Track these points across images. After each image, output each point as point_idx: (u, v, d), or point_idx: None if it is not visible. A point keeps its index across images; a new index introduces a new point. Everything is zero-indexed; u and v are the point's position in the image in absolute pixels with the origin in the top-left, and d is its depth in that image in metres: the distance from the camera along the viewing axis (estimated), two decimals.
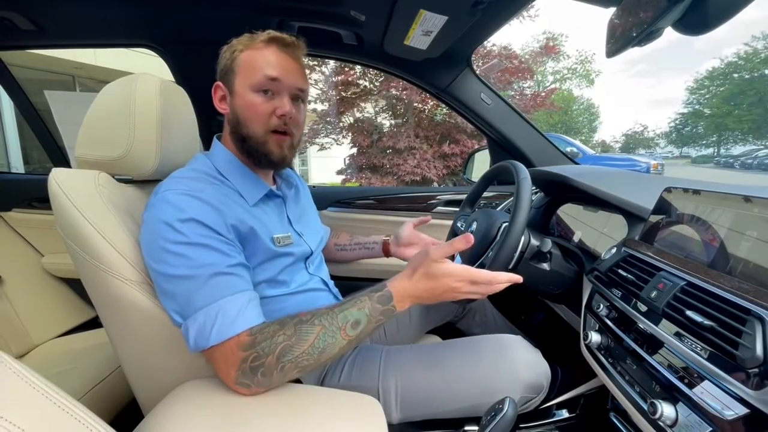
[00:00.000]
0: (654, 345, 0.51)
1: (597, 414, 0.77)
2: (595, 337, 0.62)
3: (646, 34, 0.54)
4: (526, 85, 10.20)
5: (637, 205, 0.72)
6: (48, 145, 1.44)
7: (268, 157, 0.72)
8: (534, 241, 0.77)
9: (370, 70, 6.92)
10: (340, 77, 7.62)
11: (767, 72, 26.41)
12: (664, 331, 0.49)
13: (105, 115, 0.71)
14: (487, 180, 0.96)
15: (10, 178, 1.50)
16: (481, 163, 1.64)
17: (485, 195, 1.07)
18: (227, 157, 0.74)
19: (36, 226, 1.36)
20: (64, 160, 1.43)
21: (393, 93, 7.58)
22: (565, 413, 0.81)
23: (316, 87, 7.96)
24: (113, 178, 0.72)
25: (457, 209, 1.27)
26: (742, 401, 0.38)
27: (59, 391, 0.37)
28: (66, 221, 0.62)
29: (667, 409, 0.44)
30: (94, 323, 1.35)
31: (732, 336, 0.41)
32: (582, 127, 31.88)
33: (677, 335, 0.47)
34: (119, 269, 0.61)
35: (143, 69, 0.81)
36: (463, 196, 1.06)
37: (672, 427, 0.44)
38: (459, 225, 0.98)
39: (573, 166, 1.27)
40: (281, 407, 0.58)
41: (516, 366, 0.72)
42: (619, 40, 0.60)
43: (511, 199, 1.15)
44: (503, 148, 1.39)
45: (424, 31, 0.96)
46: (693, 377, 0.44)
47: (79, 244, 0.62)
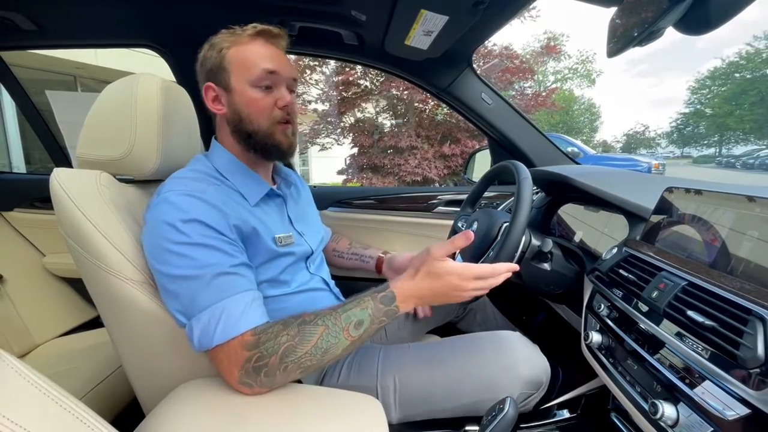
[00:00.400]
0: (655, 345, 0.51)
1: (598, 414, 0.77)
2: (596, 337, 0.62)
3: (647, 34, 0.54)
4: (527, 85, 10.19)
5: (639, 205, 0.72)
6: (49, 145, 1.44)
7: (278, 147, 0.73)
8: (535, 241, 0.77)
9: (371, 70, 6.92)
10: (340, 77, 7.62)
11: None
12: (665, 331, 0.49)
13: (106, 115, 0.71)
14: (488, 180, 0.96)
15: (12, 178, 1.50)
16: (481, 163, 1.64)
17: (486, 195, 1.07)
18: (227, 158, 0.74)
19: (37, 225, 1.36)
20: (65, 160, 1.44)
21: (394, 93, 7.57)
22: (566, 413, 0.81)
23: (317, 87, 7.96)
24: (115, 178, 0.73)
25: (458, 209, 1.27)
26: (744, 401, 0.38)
27: (61, 390, 0.38)
28: (67, 221, 0.62)
29: (668, 410, 0.44)
30: (95, 323, 1.35)
31: (733, 336, 0.40)
32: (583, 127, 31.85)
33: (678, 335, 0.47)
34: (120, 269, 0.61)
35: (144, 69, 0.81)
36: (464, 196, 1.06)
37: (673, 428, 0.44)
38: (460, 225, 0.98)
39: (574, 166, 1.27)
40: (282, 407, 0.58)
41: (515, 362, 0.72)
42: (620, 40, 0.60)
43: (512, 199, 1.15)
44: (504, 148, 1.39)
45: (425, 31, 0.95)
46: (694, 377, 0.44)
47: (80, 244, 0.62)
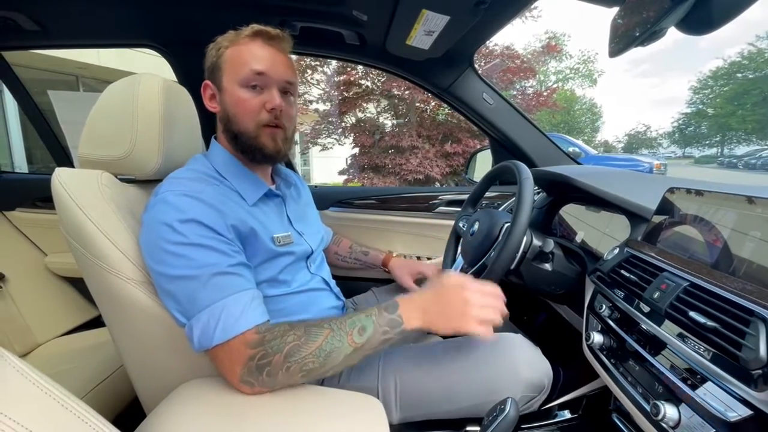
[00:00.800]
0: (657, 346, 0.51)
1: (599, 415, 0.77)
2: (597, 337, 0.62)
3: (649, 34, 0.54)
4: (528, 85, 10.18)
5: (640, 205, 0.71)
6: (51, 144, 1.44)
7: (262, 151, 0.72)
8: (536, 242, 0.76)
9: (372, 70, 6.92)
10: (342, 77, 7.62)
11: None
12: (667, 332, 0.49)
13: (108, 114, 0.71)
14: (489, 180, 0.96)
15: (14, 178, 1.51)
16: (483, 163, 1.64)
17: (487, 195, 1.07)
18: (225, 157, 0.74)
19: (39, 225, 1.37)
20: (67, 160, 1.44)
21: (395, 93, 7.57)
22: (567, 414, 0.80)
23: (318, 87, 7.96)
24: (116, 177, 0.73)
25: (459, 209, 1.27)
26: (746, 403, 0.38)
27: (62, 389, 0.38)
28: (69, 221, 0.62)
29: (669, 411, 0.44)
30: (96, 322, 1.35)
31: (735, 337, 0.40)
32: (584, 127, 31.81)
33: (680, 336, 0.47)
34: (122, 268, 0.61)
35: (146, 69, 0.81)
36: (465, 196, 1.06)
37: (675, 429, 0.44)
38: (461, 225, 0.98)
39: (575, 166, 1.27)
40: (283, 406, 0.58)
41: (517, 365, 0.71)
42: (622, 40, 0.59)
43: (513, 199, 1.15)
44: (505, 148, 1.39)
45: (427, 31, 0.95)
46: (696, 378, 0.44)
47: (81, 244, 0.62)
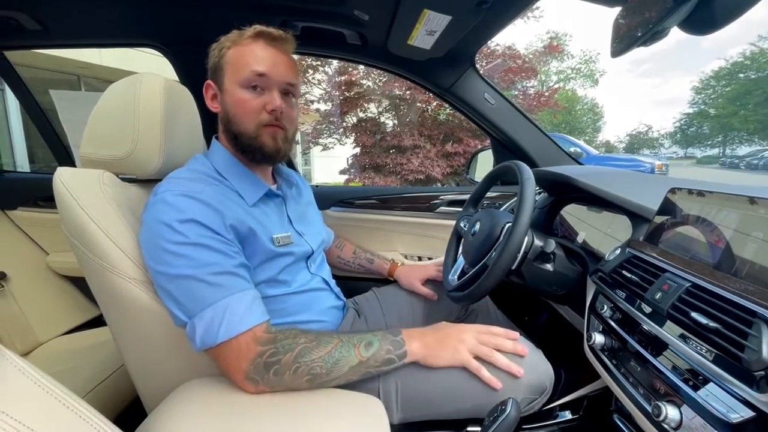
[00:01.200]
0: (658, 347, 0.50)
1: (600, 416, 0.77)
2: (598, 338, 0.62)
3: (651, 34, 0.54)
4: (529, 85, 10.16)
5: (642, 205, 0.71)
6: (53, 144, 1.45)
7: (262, 150, 0.72)
8: (537, 242, 0.76)
9: (374, 70, 6.92)
10: (343, 77, 7.62)
11: None
12: (669, 332, 0.48)
13: (109, 114, 0.71)
14: (491, 180, 0.96)
15: (16, 177, 1.51)
16: (484, 163, 1.64)
17: (488, 195, 1.07)
18: (225, 157, 0.74)
19: (41, 224, 1.37)
20: (69, 160, 1.44)
21: (396, 93, 7.56)
22: (568, 415, 0.80)
23: (320, 87, 7.96)
24: (117, 177, 0.73)
25: (460, 209, 1.27)
26: (748, 404, 0.38)
27: (63, 388, 0.38)
28: (70, 220, 0.63)
29: (671, 412, 0.44)
30: (98, 321, 1.36)
31: (737, 338, 0.40)
32: (586, 127, 31.77)
33: (682, 337, 0.47)
34: (123, 268, 0.62)
35: (147, 69, 0.81)
36: (467, 196, 1.06)
37: (676, 430, 0.44)
38: (462, 225, 0.98)
39: (577, 166, 1.27)
40: (284, 406, 0.58)
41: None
42: (624, 40, 0.59)
43: (515, 199, 1.15)
44: (507, 148, 1.38)
45: (428, 30, 0.95)
46: (698, 379, 0.43)
47: (83, 243, 0.62)
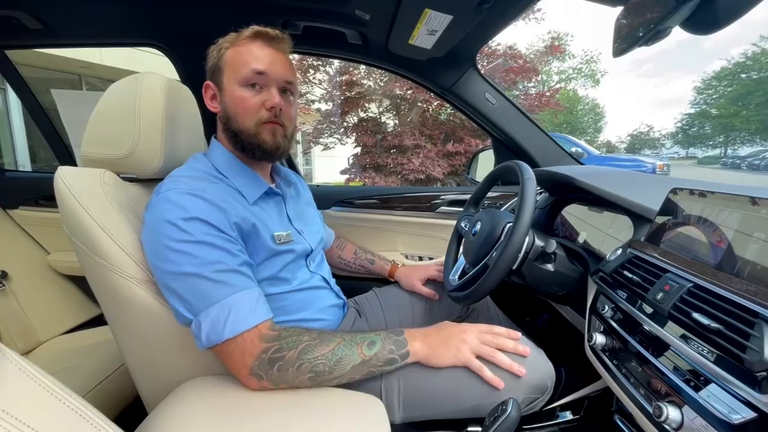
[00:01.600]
0: (659, 347, 0.50)
1: (601, 416, 0.77)
2: (599, 338, 0.62)
3: (653, 34, 0.54)
4: (530, 85, 10.15)
5: (643, 206, 0.71)
6: (55, 143, 1.45)
7: (262, 147, 0.73)
8: (538, 242, 0.76)
9: (375, 70, 6.91)
10: (344, 77, 7.62)
11: None
12: (670, 333, 0.48)
13: (110, 113, 0.71)
14: (492, 180, 0.96)
15: (18, 176, 1.52)
16: (485, 163, 1.63)
17: (489, 195, 1.06)
18: (225, 156, 0.75)
19: (42, 223, 1.37)
20: (70, 159, 1.45)
21: (397, 93, 7.56)
22: (568, 415, 0.80)
23: (321, 87, 7.97)
24: (118, 176, 0.73)
25: (461, 209, 1.27)
26: (749, 405, 0.37)
27: (64, 387, 0.38)
28: (71, 219, 0.63)
29: (672, 412, 0.44)
30: (99, 320, 1.36)
31: (739, 339, 0.40)
32: (587, 127, 31.72)
33: (683, 338, 0.46)
34: (123, 267, 0.62)
35: (149, 68, 0.82)
36: (467, 196, 1.06)
37: (677, 431, 0.44)
38: (463, 225, 0.98)
39: (578, 166, 1.26)
40: (285, 405, 0.58)
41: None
42: (626, 40, 0.59)
43: (516, 199, 1.15)
44: (508, 148, 1.38)
45: (429, 30, 0.95)
46: (699, 380, 0.43)
47: (84, 242, 0.62)
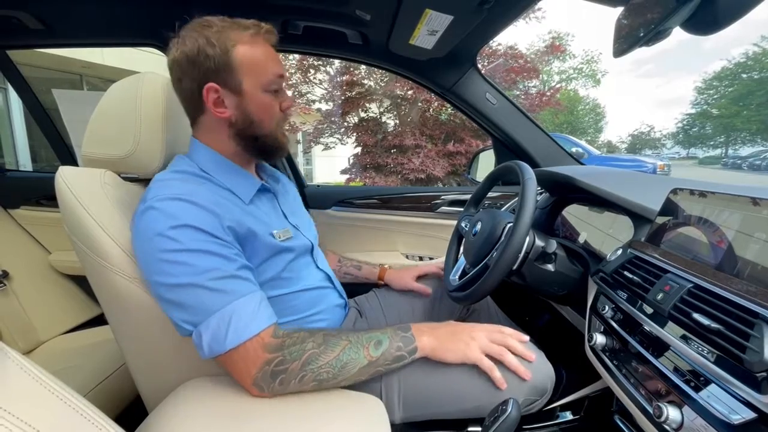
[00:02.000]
0: (660, 347, 0.50)
1: (601, 416, 0.77)
2: (599, 338, 0.61)
3: (654, 34, 0.54)
4: (531, 85, 10.14)
5: (644, 206, 0.71)
6: (56, 143, 1.45)
7: (282, 148, 0.76)
8: (539, 242, 0.76)
9: (375, 70, 6.91)
10: (344, 77, 7.62)
11: None
12: (670, 333, 0.48)
13: (111, 113, 0.71)
14: (492, 180, 0.96)
15: (19, 176, 1.52)
16: (485, 163, 1.63)
17: (490, 195, 1.06)
18: (213, 157, 0.71)
19: (43, 223, 1.38)
20: (71, 159, 1.45)
21: (398, 93, 7.56)
22: (569, 415, 0.80)
23: (321, 87, 7.97)
24: (119, 176, 0.73)
25: (461, 209, 1.27)
26: (750, 405, 0.37)
27: (65, 387, 0.38)
28: (72, 219, 0.63)
29: (672, 413, 0.44)
30: (100, 320, 1.36)
31: (740, 339, 0.40)
32: (588, 128, 31.66)
33: (683, 338, 0.46)
34: (124, 267, 0.62)
35: (149, 68, 0.82)
36: (468, 196, 1.06)
37: (677, 431, 0.44)
38: (463, 225, 0.98)
39: (578, 166, 1.26)
40: (285, 405, 0.58)
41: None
42: (626, 40, 0.59)
43: (516, 199, 1.14)
44: (508, 148, 1.38)
45: (430, 30, 0.95)
46: (699, 380, 0.43)
47: (84, 242, 0.62)
